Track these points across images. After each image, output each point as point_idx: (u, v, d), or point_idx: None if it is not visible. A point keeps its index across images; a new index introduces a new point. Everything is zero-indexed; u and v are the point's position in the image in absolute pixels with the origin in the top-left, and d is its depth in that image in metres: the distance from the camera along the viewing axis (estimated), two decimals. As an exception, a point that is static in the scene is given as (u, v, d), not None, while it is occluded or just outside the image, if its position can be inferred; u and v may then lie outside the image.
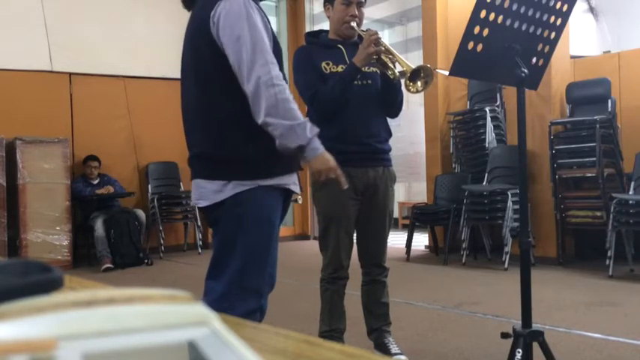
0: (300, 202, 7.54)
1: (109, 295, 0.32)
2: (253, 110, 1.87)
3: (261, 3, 2.06)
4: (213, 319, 0.34)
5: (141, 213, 6.67)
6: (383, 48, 2.67)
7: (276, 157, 1.94)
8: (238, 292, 1.94)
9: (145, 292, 0.33)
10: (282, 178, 1.98)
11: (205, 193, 1.96)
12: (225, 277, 1.94)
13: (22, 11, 6.57)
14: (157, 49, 7.36)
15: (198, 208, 2.06)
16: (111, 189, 6.63)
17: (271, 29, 1.99)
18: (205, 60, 1.95)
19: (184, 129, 2.10)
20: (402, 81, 2.70)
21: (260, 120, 1.86)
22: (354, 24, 2.84)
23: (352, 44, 2.86)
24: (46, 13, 6.68)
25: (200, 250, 7.26)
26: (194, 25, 2.00)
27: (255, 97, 1.85)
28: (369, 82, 2.81)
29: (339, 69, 2.78)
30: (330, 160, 1.95)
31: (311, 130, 1.87)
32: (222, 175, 1.94)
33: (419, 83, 2.65)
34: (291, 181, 2.02)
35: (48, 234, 6.23)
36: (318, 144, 1.90)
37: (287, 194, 2.04)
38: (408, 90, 2.65)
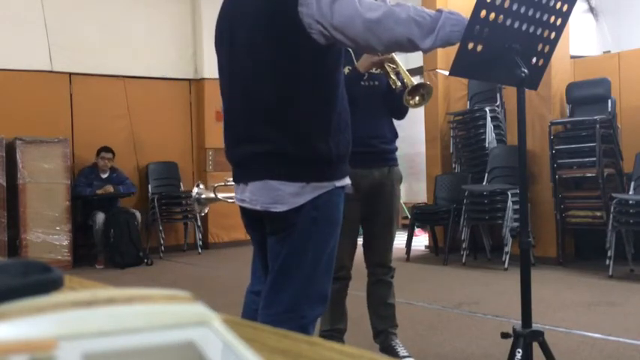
0: None
1: (109, 295, 0.32)
2: (417, 40, 1.66)
3: None
4: (213, 319, 0.34)
5: (137, 213, 6.64)
6: (389, 56, 2.67)
7: (347, 154, 1.85)
8: (308, 299, 1.80)
9: (145, 292, 0.33)
10: (347, 178, 1.87)
11: (282, 196, 1.73)
12: (293, 285, 1.79)
13: (22, 11, 6.58)
14: (156, 49, 7.36)
15: (250, 210, 1.84)
16: (110, 189, 6.58)
17: None
18: (290, 47, 1.73)
19: (239, 120, 1.85)
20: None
21: (426, 46, 1.66)
22: None
23: None
24: (46, 13, 6.68)
25: (200, 250, 7.26)
26: (268, 6, 1.74)
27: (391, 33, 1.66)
28: (376, 82, 2.81)
29: (346, 70, 2.79)
30: None
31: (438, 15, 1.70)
32: (301, 176, 1.74)
33: (417, 98, 2.66)
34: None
35: (48, 234, 6.23)
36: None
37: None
38: (407, 103, 2.66)
